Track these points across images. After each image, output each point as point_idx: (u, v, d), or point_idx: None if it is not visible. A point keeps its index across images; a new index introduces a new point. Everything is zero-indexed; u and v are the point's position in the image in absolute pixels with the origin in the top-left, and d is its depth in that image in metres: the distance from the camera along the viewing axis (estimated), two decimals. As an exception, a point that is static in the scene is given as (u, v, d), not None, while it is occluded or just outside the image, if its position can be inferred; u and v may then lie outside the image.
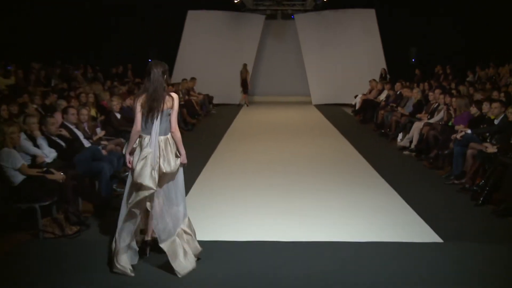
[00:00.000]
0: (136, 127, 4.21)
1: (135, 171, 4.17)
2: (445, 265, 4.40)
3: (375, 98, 13.99)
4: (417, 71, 16.70)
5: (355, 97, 15.32)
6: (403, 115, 10.64)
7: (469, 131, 7.31)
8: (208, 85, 16.81)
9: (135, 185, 4.18)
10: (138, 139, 4.27)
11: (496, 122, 7.26)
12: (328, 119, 14.26)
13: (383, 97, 13.60)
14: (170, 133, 4.31)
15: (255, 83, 19.14)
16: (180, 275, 4.15)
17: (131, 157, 4.30)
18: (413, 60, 18.81)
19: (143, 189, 4.14)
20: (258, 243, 4.92)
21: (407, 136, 9.69)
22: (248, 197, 6.55)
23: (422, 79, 14.88)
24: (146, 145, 4.20)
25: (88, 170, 6.12)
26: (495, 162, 6.20)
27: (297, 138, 11.22)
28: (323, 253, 4.66)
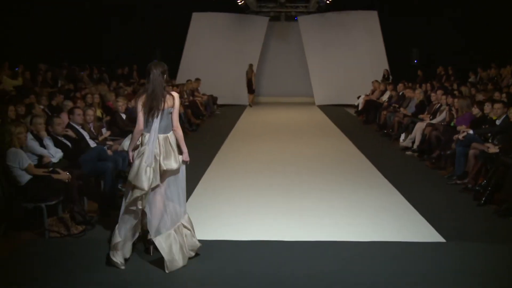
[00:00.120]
0: (139, 127, 4.31)
1: (131, 170, 4.29)
2: (447, 264, 4.41)
3: (378, 99, 14.01)
4: (419, 72, 16.68)
5: (358, 97, 15.35)
6: (405, 115, 10.67)
7: (471, 131, 7.32)
8: (212, 86, 16.89)
9: (130, 184, 4.29)
10: (140, 137, 4.38)
11: (498, 122, 7.28)
12: (331, 119, 14.29)
13: (385, 97, 13.62)
14: (171, 131, 4.39)
15: (258, 84, 19.18)
16: (168, 270, 4.22)
17: (134, 153, 4.41)
18: (415, 61, 18.81)
19: (136, 188, 4.24)
20: (260, 242, 4.94)
21: (409, 136, 9.72)
22: (251, 197, 6.59)
23: (424, 80, 14.86)
24: (145, 143, 4.30)
25: (94, 170, 6.16)
26: (497, 162, 6.22)
27: (300, 138, 11.26)
28: (325, 253, 4.69)
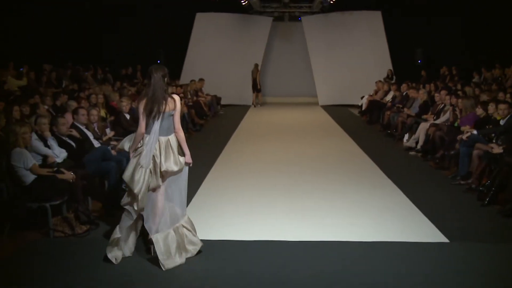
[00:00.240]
0: (141, 129, 4.37)
1: (127, 169, 4.38)
2: (451, 265, 4.41)
3: (382, 99, 13.99)
4: (423, 72, 16.66)
5: (362, 98, 15.33)
6: (409, 116, 10.65)
7: (475, 131, 7.31)
8: (216, 86, 16.90)
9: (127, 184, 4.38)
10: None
11: (502, 123, 7.27)
12: (335, 119, 14.28)
13: (389, 98, 13.59)
14: (173, 133, 4.44)
15: (262, 84, 19.17)
16: (165, 268, 4.27)
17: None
18: (419, 62, 18.77)
19: (131, 189, 4.30)
20: (263, 242, 4.96)
21: (413, 136, 9.70)
22: (254, 197, 6.60)
23: (428, 80, 14.83)
24: (145, 144, 4.36)
25: (98, 170, 6.19)
26: (501, 162, 6.21)
27: (303, 138, 11.25)
28: (329, 252, 4.69)
